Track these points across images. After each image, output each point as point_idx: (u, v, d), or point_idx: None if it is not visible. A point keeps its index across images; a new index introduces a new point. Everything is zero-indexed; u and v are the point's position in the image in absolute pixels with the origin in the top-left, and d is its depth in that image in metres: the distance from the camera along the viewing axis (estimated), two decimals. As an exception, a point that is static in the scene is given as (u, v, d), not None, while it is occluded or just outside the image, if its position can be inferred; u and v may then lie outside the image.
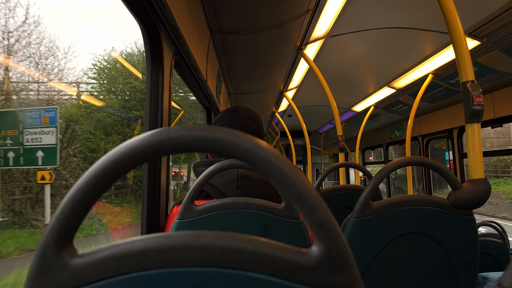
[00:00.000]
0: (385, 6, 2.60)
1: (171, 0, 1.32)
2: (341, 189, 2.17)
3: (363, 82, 4.65)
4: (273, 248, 0.35)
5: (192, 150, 0.36)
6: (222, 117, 1.34)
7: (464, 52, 1.36)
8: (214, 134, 0.35)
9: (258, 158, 0.35)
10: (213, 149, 0.35)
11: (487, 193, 1.21)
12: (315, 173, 11.27)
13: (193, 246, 0.34)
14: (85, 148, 11.73)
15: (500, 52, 2.84)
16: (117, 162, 0.35)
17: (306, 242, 1.09)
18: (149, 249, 0.34)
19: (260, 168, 0.35)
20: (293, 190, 0.35)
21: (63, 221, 0.35)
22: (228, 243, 0.34)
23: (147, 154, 0.35)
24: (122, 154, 0.35)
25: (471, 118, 1.35)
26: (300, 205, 0.35)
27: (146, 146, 0.35)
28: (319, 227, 0.35)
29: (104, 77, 15.33)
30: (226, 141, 0.35)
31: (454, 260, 1.17)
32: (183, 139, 0.35)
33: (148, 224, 1.33)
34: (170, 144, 0.35)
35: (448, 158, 4.66)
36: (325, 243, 0.35)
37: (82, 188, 0.35)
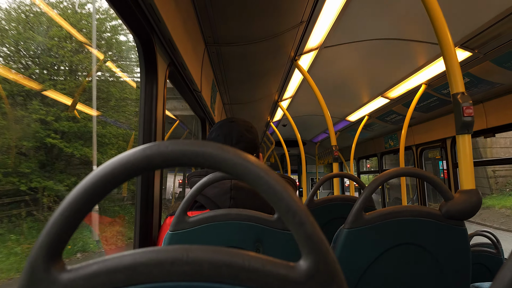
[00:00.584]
0: (377, 17, 2.64)
1: (166, 13, 1.33)
2: (335, 200, 2.17)
3: (357, 92, 4.69)
4: (262, 262, 0.35)
5: (182, 164, 0.37)
6: (218, 128, 1.34)
7: (454, 64, 1.38)
8: (203, 149, 0.35)
9: (247, 172, 0.35)
10: (202, 163, 0.36)
11: (479, 203, 1.22)
12: (310, 182, 11.26)
13: (181, 260, 0.34)
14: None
15: (491, 63, 2.88)
16: (107, 176, 0.35)
17: (299, 254, 1.08)
18: (137, 264, 0.34)
19: (250, 182, 0.36)
20: (282, 205, 0.35)
21: (53, 236, 0.35)
22: (217, 257, 0.34)
23: (137, 168, 0.35)
24: (113, 169, 0.35)
25: (462, 129, 1.36)
26: (288, 219, 0.36)
27: (136, 161, 0.35)
28: (308, 241, 0.35)
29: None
30: (215, 156, 0.35)
31: (446, 270, 1.17)
32: (173, 154, 0.35)
33: (141, 235, 1.33)
34: (160, 158, 0.35)
35: (442, 167, 4.69)
36: (313, 258, 0.35)
37: (72, 203, 0.35)
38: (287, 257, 1.07)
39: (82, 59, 11.97)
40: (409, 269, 1.19)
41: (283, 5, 2.06)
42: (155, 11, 1.23)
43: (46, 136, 10.38)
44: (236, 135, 1.30)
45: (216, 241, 1.06)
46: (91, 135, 9.83)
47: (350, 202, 2.18)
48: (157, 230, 1.43)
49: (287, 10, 2.16)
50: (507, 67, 2.85)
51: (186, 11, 1.71)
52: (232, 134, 1.30)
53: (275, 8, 2.06)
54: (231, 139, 1.29)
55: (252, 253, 0.35)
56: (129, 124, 12.49)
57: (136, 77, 13.84)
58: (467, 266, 1.16)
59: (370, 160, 9.40)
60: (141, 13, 1.23)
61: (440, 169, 5.41)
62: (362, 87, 4.48)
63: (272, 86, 4.05)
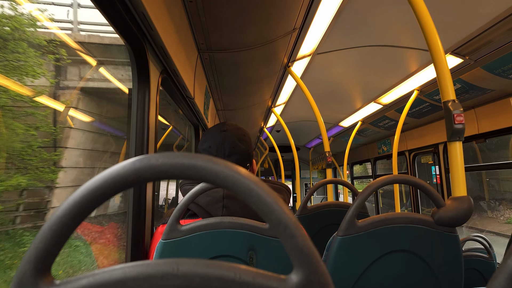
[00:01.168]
0: (369, 24, 2.66)
1: (158, 21, 1.33)
2: (328, 206, 2.17)
3: (350, 98, 4.71)
4: (252, 275, 0.35)
5: (172, 177, 0.36)
6: (210, 138, 1.29)
7: (445, 72, 1.40)
8: (194, 162, 0.35)
9: (238, 185, 0.35)
10: (193, 176, 0.36)
11: (470, 210, 1.22)
12: (303, 187, 11.27)
13: (172, 274, 0.34)
14: None
15: (482, 70, 2.91)
16: (97, 190, 0.35)
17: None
18: (127, 278, 0.34)
19: (240, 194, 0.36)
20: (273, 217, 0.35)
21: (41, 250, 0.34)
22: (207, 270, 0.34)
23: (127, 182, 0.35)
24: (102, 182, 0.35)
25: (453, 137, 1.38)
26: (279, 231, 0.36)
27: (126, 174, 0.35)
28: (298, 253, 0.35)
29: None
30: (206, 168, 0.35)
31: (439, 277, 1.18)
32: (163, 167, 0.35)
33: (133, 244, 1.32)
34: (151, 171, 0.35)
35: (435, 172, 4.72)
36: (304, 270, 0.35)
37: (62, 216, 0.35)
38: (281, 265, 1.07)
39: None
40: (402, 276, 1.19)
41: (275, 12, 2.08)
42: (147, 19, 1.23)
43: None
44: (228, 147, 1.26)
45: (209, 250, 1.05)
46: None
47: (343, 208, 2.19)
48: (150, 238, 1.42)
49: (280, 17, 2.17)
50: (497, 74, 2.88)
51: (178, 18, 1.71)
52: (224, 145, 1.26)
53: (267, 15, 2.07)
54: (223, 151, 1.25)
55: (243, 266, 0.35)
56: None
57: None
58: (459, 272, 1.17)
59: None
60: (133, 21, 1.23)
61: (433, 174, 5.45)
62: (355, 93, 4.51)
63: (265, 92, 4.06)
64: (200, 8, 1.85)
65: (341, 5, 2.28)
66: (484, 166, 4.12)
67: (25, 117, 4.93)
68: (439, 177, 4.52)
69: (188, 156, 0.36)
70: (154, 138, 1.49)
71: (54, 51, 5.50)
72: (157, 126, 1.53)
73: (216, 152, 1.25)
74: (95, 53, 5.86)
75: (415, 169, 5.40)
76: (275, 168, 10.94)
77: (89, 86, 5.85)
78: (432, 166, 5.61)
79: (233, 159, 1.26)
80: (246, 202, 1.03)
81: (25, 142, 4.95)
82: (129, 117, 1.42)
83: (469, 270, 2.38)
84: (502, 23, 2.25)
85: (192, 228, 1.06)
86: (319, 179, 11.00)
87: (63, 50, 5.62)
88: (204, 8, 1.85)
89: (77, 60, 5.82)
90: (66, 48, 5.68)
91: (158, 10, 1.32)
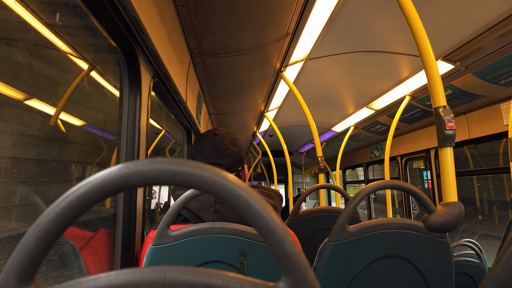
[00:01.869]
0: (362, 30, 2.68)
1: (150, 25, 1.32)
2: (320, 211, 2.17)
3: (342, 103, 4.74)
4: (240, 282, 0.34)
5: (160, 183, 0.36)
6: (203, 141, 1.32)
7: (436, 78, 1.41)
8: (181, 168, 0.35)
9: (226, 191, 0.35)
10: (181, 182, 0.35)
11: (461, 216, 1.23)
12: (296, 192, 11.27)
13: (159, 282, 0.33)
14: None
15: (473, 76, 2.95)
16: (82, 196, 0.34)
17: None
18: (113, 286, 0.33)
19: (228, 201, 0.35)
20: (261, 224, 0.35)
21: (24, 257, 0.34)
22: (195, 278, 0.34)
23: (113, 188, 0.35)
24: (88, 188, 0.35)
25: (444, 142, 1.38)
26: (267, 238, 0.35)
27: (112, 180, 0.34)
28: (287, 261, 0.35)
29: None
30: (193, 174, 0.35)
31: (430, 282, 1.18)
32: (150, 173, 0.35)
33: (123, 250, 1.30)
34: (137, 177, 0.35)
35: (426, 177, 4.75)
36: (293, 277, 0.35)
37: (46, 223, 0.34)
38: (272, 271, 1.06)
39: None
40: (393, 282, 1.19)
41: (268, 18, 2.08)
42: (138, 23, 1.23)
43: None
44: (221, 149, 1.29)
45: (200, 255, 1.04)
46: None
47: (335, 213, 2.19)
48: (140, 243, 1.41)
49: (273, 23, 2.18)
50: (488, 80, 2.92)
51: (170, 22, 1.71)
52: (217, 148, 1.29)
53: (260, 20, 2.07)
54: (217, 153, 1.28)
55: (232, 273, 0.35)
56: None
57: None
58: (450, 278, 1.17)
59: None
60: (124, 24, 1.22)
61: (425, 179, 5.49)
62: (347, 98, 4.53)
63: (258, 97, 4.06)
64: (192, 13, 1.85)
65: (334, 11, 2.29)
66: (476, 171, 4.15)
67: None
68: (431, 183, 4.55)
69: (175, 162, 0.35)
70: (145, 143, 1.48)
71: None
72: (148, 130, 1.52)
73: (209, 154, 1.27)
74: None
75: (407, 174, 5.43)
76: (268, 173, 10.93)
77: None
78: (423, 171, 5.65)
79: (226, 161, 1.28)
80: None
81: None
82: (120, 121, 1.41)
83: (460, 275, 2.40)
84: (493, 30, 2.28)
85: (182, 233, 1.05)
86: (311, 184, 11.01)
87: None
88: (197, 13, 1.85)
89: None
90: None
91: (149, 14, 1.32)
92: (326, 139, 6.97)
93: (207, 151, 1.28)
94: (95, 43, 1.33)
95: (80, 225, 1.23)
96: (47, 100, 1.06)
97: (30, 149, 1.00)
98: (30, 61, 0.96)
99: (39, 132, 1.05)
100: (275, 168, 6.94)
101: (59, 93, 1.13)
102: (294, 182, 11.27)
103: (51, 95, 1.08)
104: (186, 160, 0.36)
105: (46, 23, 1.00)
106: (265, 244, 1.05)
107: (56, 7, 1.08)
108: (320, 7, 2.22)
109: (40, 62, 1.02)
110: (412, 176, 5.52)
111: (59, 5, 1.10)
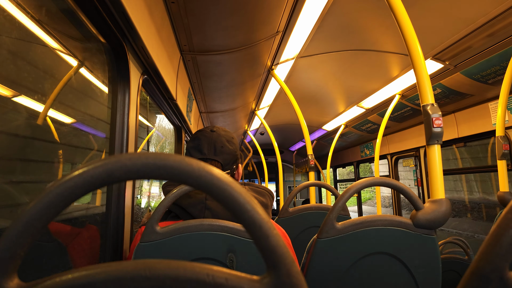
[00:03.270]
0: (352, 29, 2.69)
1: (139, 20, 1.31)
2: (310, 209, 2.18)
3: (333, 101, 4.75)
4: (225, 277, 0.34)
5: (144, 177, 0.36)
6: (200, 136, 1.31)
7: (424, 76, 1.42)
8: (165, 162, 0.34)
9: (211, 185, 0.35)
10: (165, 176, 0.35)
11: (448, 212, 1.24)
12: (287, 190, 11.30)
13: (142, 276, 0.33)
14: None
15: (462, 75, 2.98)
16: (65, 189, 0.34)
17: None
18: (95, 280, 0.33)
19: (213, 195, 0.35)
20: (246, 217, 0.35)
21: (5, 252, 0.33)
22: (179, 272, 0.33)
23: (97, 181, 0.34)
24: (72, 182, 0.34)
25: (432, 140, 1.40)
26: (252, 232, 0.35)
27: (96, 173, 0.34)
28: (272, 254, 0.35)
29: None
30: (178, 168, 0.35)
31: (417, 279, 1.19)
32: (134, 166, 0.34)
33: (112, 247, 1.29)
34: (121, 171, 0.34)
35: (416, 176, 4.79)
36: (277, 271, 0.35)
37: (27, 217, 0.34)
38: (261, 268, 1.06)
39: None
40: (381, 278, 1.20)
41: (259, 15, 2.08)
42: (127, 18, 1.21)
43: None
44: (218, 146, 1.29)
45: (188, 252, 1.04)
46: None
47: (325, 211, 2.20)
48: (129, 241, 1.40)
49: (263, 20, 2.17)
50: (476, 79, 2.95)
51: (160, 19, 1.70)
52: (213, 144, 1.29)
53: (251, 17, 2.07)
54: (213, 149, 1.28)
55: (216, 267, 0.35)
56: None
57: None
58: (437, 274, 1.18)
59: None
60: (112, 19, 1.21)
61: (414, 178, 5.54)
62: (338, 97, 4.55)
63: (249, 95, 4.06)
64: (182, 10, 1.83)
65: (324, 9, 2.29)
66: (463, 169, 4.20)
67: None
68: (420, 181, 4.60)
69: (160, 155, 0.35)
70: (134, 140, 1.47)
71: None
72: (137, 127, 1.51)
73: (205, 150, 1.27)
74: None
75: (397, 172, 5.47)
76: (259, 171, 10.94)
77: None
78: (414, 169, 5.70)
79: (221, 158, 1.28)
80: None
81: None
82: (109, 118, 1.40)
83: (448, 272, 2.42)
84: (481, 30, 2.31)
85: (171, 230, 1.04)
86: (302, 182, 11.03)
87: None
88: (187, 10, 1.84)
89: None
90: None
91: (138, 9, 1.31)
92: (316, 137, 7.00)
93: (203, 147, 1.28)
94: (83, 38, 1.32)
95: (68, 222, 1.22)
96: (33, 97, 1.04)
97: (14, 149, 0.98)
98: (14, 57, 0.94)
99: (25, 131, 1.04)
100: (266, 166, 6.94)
101: (46, 90, 1.11)
102: (285, 181, 11.29)
103: (37, 93, 1.06)
104: (171, 154, 0.35)
105: (32, 17, 0.99)
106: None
107: (41, 1, 1.07)
108: (310, 5, 2.23)
109: (25, 57, 1.00)
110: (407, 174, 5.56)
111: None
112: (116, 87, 1.40)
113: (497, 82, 2.88)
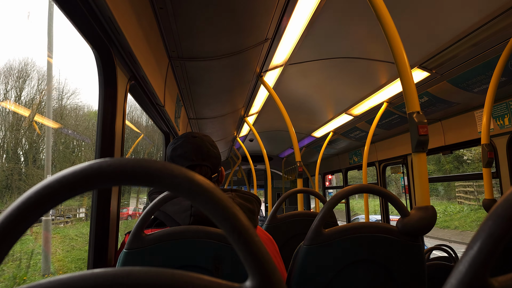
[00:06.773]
0: (340, 37, 2.72)
1: (126, 26, 1.30)
2: (297, 216, 2.18)
3: (322, 108, 4.78)
4: (205, 284, 0.34)
5: (124, 183, 0.35)
6: (184, 144, 1.30)
7: (410, 84, 1.44)
8: (146, 167, 0.34)
9: (192, 191, 0.34)
10: (146, 182, 0.34)
11: (433, 219, 1.25)
12: (276, 197, 11.29)
13: (122, 284, 0.32)
14: None
15: (448, 83, 3.02)
16: (42, 196, 0.33)
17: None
18: None
19: (195, 201, 0.35)
20: (227, 224, 0.35)
21: None
22: (159, 280, 0.33)
23: (75, 187, 0.33)
24: (48, 188, 0.33)
25: (417, 147, 1.41)
26: (234, 238, 0.35)
27: (74, 179, 0.33)
28: (253, 261, 0.35)
29: None
30: (158, 174, 0.34)
31: (403, 286, 1.19)
32: (113, 173, 0.34)
33: (96, 255, 1.27)
34: (100, 177, 0.34)
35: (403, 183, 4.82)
36: (259, 278, 0.35)
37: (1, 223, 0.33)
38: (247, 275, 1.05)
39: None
40: (367, 285, 1.20)
41: (248, 22, 2.09)
42: (114, 23, 1.21)
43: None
44: (204, 151, 1.29)
45: (174, 260, 1.02)
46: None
47: (312, 218, 2.19)
48: (114, 248, 1.38)
49: (252, 27, 2.18)
50: (462, 87, 3.00)
51: (148, 24, 1.69)
52: (200, 150, 1.29)
53: (240, 24, 2.08)
54: (200, 155, 1.28)
55: (196, 274, 0.34)
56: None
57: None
58: (422, 281, 1.19)
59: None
60: (99, 24, 1.20)
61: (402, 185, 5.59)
62: (326, 104, 4.57)
63: (238, 102, 4.06)
64: (171, 16, 1.83)
65: (313, 16, 2.31)
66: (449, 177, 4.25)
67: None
68: (408, 188, 4.63)
69: (140, 161, 0.34)
70: (120, 147, 1.45)
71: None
72: (124, 134, 1.50)
73: (193, 156, 1.27)
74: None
75: (385, 180, 5.50)
76: (248, 178, 10.92)
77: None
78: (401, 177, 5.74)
79: (209, 163, 1.30)
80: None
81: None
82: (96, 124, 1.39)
83: (435, 279, 2.44)
84: (467, 39, 2.35)
85: (156, 237, 1.03)
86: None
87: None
88: (175, 15, 1.84)
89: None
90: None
91: (125, 15, 1.30)
92: (305, 144, 7.02)
93: (191, 153, 1.27)
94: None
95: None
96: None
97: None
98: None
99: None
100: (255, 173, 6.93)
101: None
102: (274, 188, 11.29)
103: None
104: (151, 159, 0.35)
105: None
106: None
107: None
108: (299, 13, 2.24)
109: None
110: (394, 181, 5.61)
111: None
112: (102, 93, 1.39)
113: (482, 91, 2.92)
